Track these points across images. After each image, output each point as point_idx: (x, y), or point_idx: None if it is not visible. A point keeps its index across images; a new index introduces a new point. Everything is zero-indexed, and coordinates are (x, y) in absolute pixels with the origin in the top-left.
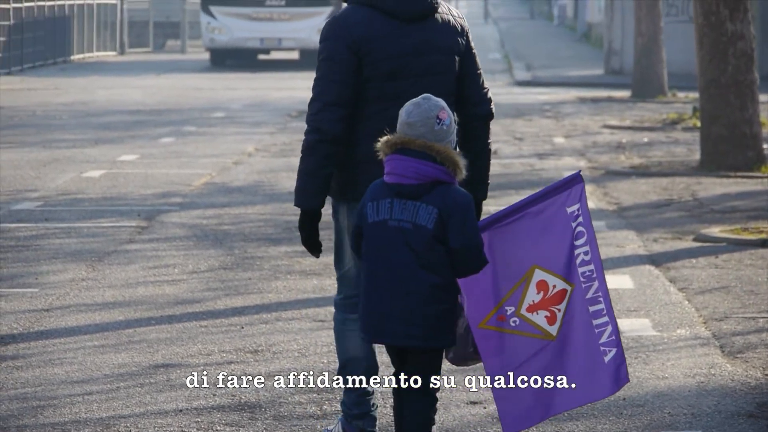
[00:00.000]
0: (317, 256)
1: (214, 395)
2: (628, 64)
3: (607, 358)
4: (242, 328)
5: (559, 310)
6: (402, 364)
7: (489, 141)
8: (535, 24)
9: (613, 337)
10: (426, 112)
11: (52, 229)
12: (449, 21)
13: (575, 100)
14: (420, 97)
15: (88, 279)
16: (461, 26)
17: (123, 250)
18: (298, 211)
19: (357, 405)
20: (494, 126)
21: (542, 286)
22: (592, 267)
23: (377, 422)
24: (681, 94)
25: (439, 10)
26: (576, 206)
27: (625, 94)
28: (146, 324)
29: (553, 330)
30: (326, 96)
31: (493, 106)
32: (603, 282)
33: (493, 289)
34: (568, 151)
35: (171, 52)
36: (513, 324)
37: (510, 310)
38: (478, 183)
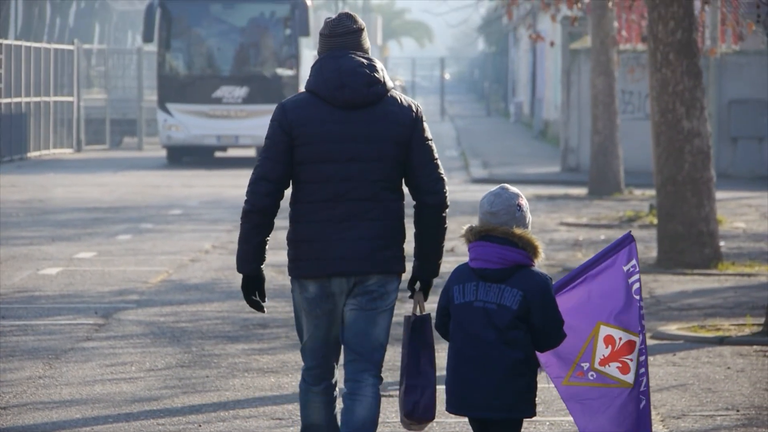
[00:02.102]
0: (263, 312)
1: None
2: (584, 161)
3: (641, 405)
4: (200, 426)
5: (631, 360)
6: None
7: (444, 227)
8: (491, 121)
9: (646, 389)
10: (507, 201)
11: (8, 327)
12: (394, 111)
13: (532, 197)
14: (498, 187)
15: (45, 377)
16: (409, 117)
17: (80, 347)
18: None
19: None
20: (451, 224)
21: (609, 340)
22: (643, 319)
23: None
24: (638, 192)
25: (386, 99)
26: (632, 263)
27: (581, 191)
28: (103, 422)
29: (629, 378)
30: (260, 171)
31: (446, 195)
32: (644, 334)
33: (570, 349)
34: None
35: (128, 150)
36: (591, 377)
37: (585, 366)
38: (428, 263)
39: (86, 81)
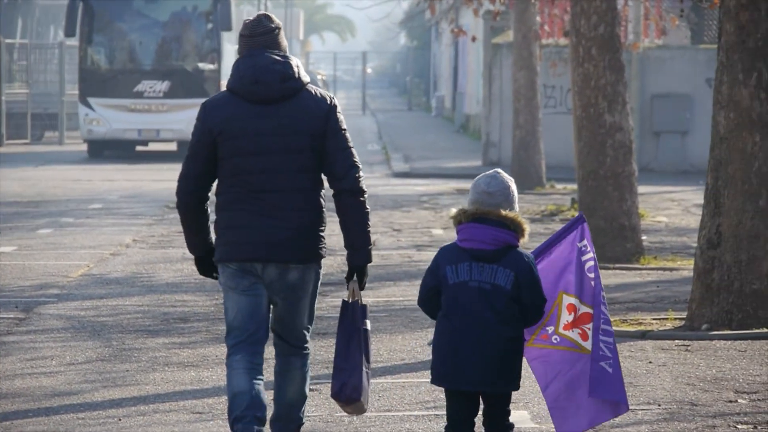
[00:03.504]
0: (215, 278)
1: None
2: (506, 155)
3: (611, 370)
4: (120, 420)
5: (589, 329)
6: (474, 410)
7: (365, 210)
8: (413, 115)
9: (612, 355)
10: (502, 183)
11: None
12: (309, 105)
13: (453, 191)
14: (493, 171)
15: None
16: (324, 109)
17: (0, 342)
18: (175, 303)
19: (243, 430)
20: (373, 217)
21: (571, 308)
22: (601, 293)
23: None
24: (559, 186)
25: (301, 94)
26: (584, 242)
27: None
28: (23, 416)
29: (588, 345)
30: (184, 168)
31: (360, 180)
32: (605, 305)
33: None
34: (446, 242)
35: (49, 144)
36: (555, 341)
37: (551, 329)
38: (357, 250)
39: (8, 75)
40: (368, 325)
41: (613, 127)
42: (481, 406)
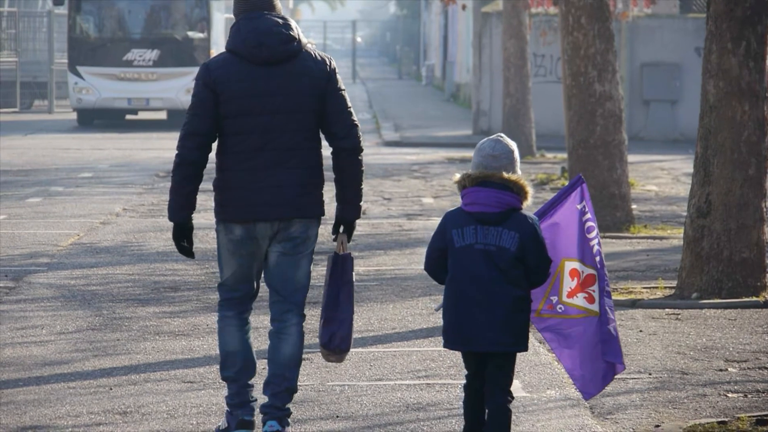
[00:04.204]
0: (192, 258)
1: None
2: (496, 124)
3: (611, 331)
4: (111, 389)
5: (594, 291)
6: (481, 368)
7: (360, 169)
8: (403, 84)
9: (613, 317)
10: (507, 146)
11: None
12: (309, 66)
13: (444, 160)
14: (496, 135)
15: None
16: (324, 70)
17: None
18: (166, 272)
19: (237, 395)
20: (363, 186)
21: (574, 273)
22: (601, 256)
23: (254, 412)
24: (549, 155)
25: (301, 55)
26: (582, 204)
27: None
28: (14, 386)
29: (595, 307)
30: (188, 126)
31: (360, 139)
32: (604, 268)
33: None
34: (436, 211)
35: (38, 112)
36: (559, 310)
37: (554, 299)
38: (348, 204)
39: None
40: (354, 276)
41: (602, 96)
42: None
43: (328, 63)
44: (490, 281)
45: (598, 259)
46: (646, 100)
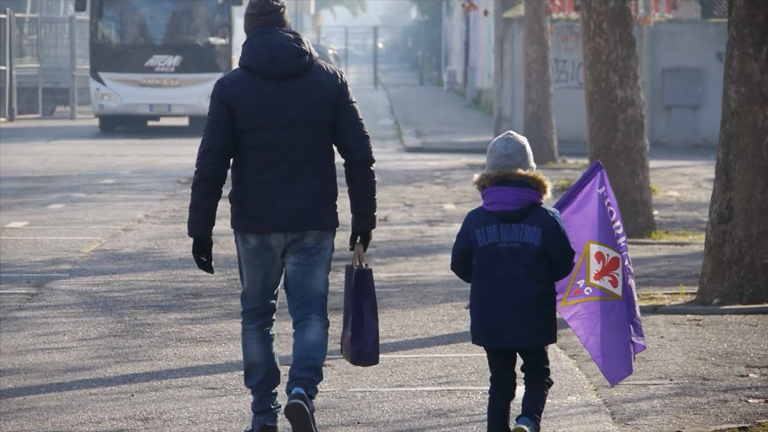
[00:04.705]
0: (211, 273)
1: None
2: (518, 129)
3: (633, 317)
4: (132, 395)
5: (618, 274)
6: (513, 362)
7: (373, 180)
8: (424, 90)
9: (635, 299)
10: (518, 143)
11: None
12: (321, 79)
13: (465, 166)
14: (506, 133)
15: None
16: (336, 83)
17: (12, 317)
18: (188, 278)
19: (260, 402)
20: (384, 193)
21: (599, 256)
22: (624, 238)
23: (277, 418)
24: (571, 161)
25: (313, 69)
26: (603, 189)
27: None
28: (36, 392)
29: (618, 291)
30: (206, 143)
31: (371, 150)
32: (627, 251)
33: None
34: (458, 217)
35: (60, 119)
36: (587, 293)
37: (581, 282)
38: (363, 216)
39: (18, 50)
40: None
41: (624, 102)
42: (520, 362)
43: (340, 76)
44: (515, 278)
45: (621, 242)
46: (668, 106)
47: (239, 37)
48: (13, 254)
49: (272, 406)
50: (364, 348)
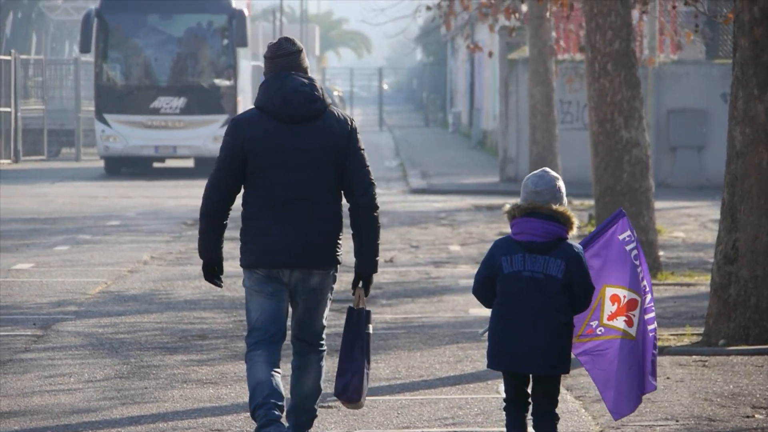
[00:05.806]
0: (220, 287)
1: None
2: (523, 171)
3: (646, 358)
4: None
5: (635, 315)
6: (521, 392)
7: (377, 225)
8: (430, 131)
9: (655, 342)
10: (549, 182)
11: None
12: (332, 124)
13: (470, 207)
14: (540, 170)
15: None
16: (346, 129)
17: (18, 359)
18: (194, 320)
19: (265, 416)
20: (390, 234)
21: (615, 298)
22: (645, 282)
23: (285, 426)
24: (576, 202)
25: (325, 114)
26: (627, 233)
27: None
28: None
29: (632, 331)
30: (214, 180)
31: (375, 196)
32: (652, 294)
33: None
34: (464, 258)
35: (66, 160)
36: (600, 332)
37: (595, 323)
38: (366, 260)
39: (24, 91)
40: (371, 329)
41: (629, 143)
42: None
43: (350, 123)
44: (536, 307)
45: (644, 284)
46: (673, 147)
47: (244, 78)
48: (19, 296)
49: (277, 417)
50: (349, 383)
